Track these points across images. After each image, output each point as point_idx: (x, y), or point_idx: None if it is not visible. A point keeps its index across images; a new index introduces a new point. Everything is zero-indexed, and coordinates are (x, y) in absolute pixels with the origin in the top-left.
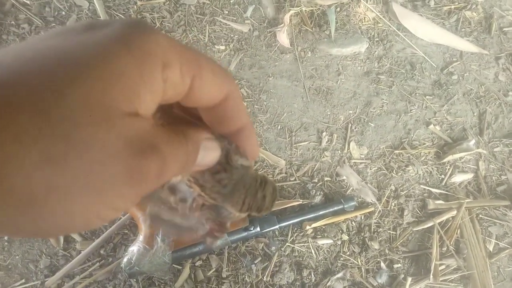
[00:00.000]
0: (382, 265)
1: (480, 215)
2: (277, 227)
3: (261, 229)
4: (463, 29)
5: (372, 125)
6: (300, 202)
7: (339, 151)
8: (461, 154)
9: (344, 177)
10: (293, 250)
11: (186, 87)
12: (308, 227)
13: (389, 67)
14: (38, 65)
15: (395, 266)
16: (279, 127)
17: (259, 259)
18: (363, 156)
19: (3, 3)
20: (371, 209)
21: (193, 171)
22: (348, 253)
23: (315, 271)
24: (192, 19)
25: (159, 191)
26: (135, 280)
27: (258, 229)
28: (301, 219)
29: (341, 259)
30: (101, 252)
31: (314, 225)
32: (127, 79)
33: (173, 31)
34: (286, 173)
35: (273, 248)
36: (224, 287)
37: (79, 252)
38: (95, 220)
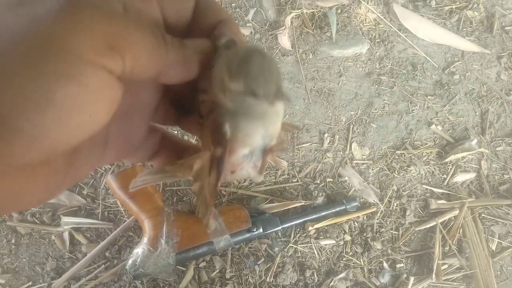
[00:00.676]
0: (385, 265)
1: (483, 214)
2: (279, 228)
3: (264, 230)
4: (465, 29)
5: (374, 126)
6: (303, 203)
7: (341, 152)
8: (463, 154)
9: (346, 178)
10: (296, 251)
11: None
12: (310, 228)
13: (390, 68)
14: None
15: (398, 266)
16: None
17: (262, 260)
18: (365, 157)
19: None
20: (373, 209)
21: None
22: (351, 253)
23: (318, 271)
24: None
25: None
26: (140, 281)
27: (261, 230)
28: (303, 220)
29: (344, 259)
30: (106, 254)
31: (316, 225)
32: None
33: None
34: (288, 174)
35: (276, 249)
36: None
37: (85, 254)
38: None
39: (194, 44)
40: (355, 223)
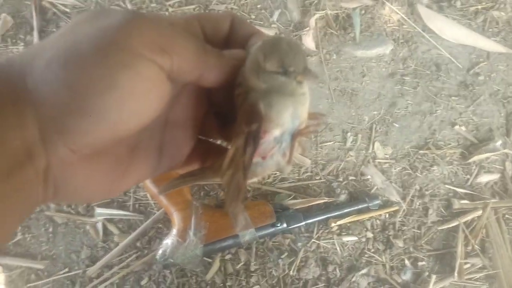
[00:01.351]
0: (407, 262)
1: (507, 215)
2: (303, 223)
3: (287, 226)
4: (490, 29)
5: (397, 125)
6: (326, 200)
7: (364, 151)
8: (487, 155)
9: (369, 176)
10: (318, 246)
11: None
12: (333, 224)
13: (414, 68)
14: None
15: (420, 263)
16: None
17: (286, 254)
18: (387, 156)
19: (45, 11)
20: (396, 208)
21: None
22: (373, 250)
23: (340, 266)
24: None
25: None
26: (169, 271)
27: (285, 225)
28: (326, 216)
29: (366, 256)
30: (137, 244)
31: (339, 222)
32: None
33: None
34: (311, 172)
35: (299, 243)
36: (253, 280)
37: (117, 244)
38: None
39: (230, 52)
40: (377, 221)
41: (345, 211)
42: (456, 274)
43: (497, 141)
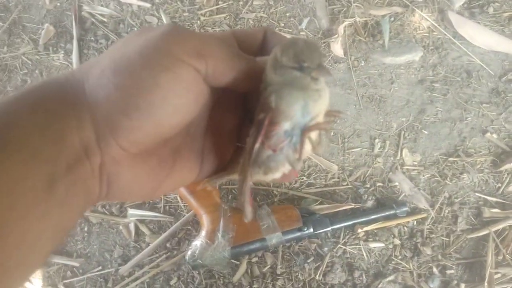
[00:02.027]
0: (435, 270)
1: None
2: (329, 229)
3: (314, 230)
4: None
5: (426, 132)
6: (352, 206)
7: (392, 158)
8: None
9: (397, 183)
10: (344, 252)
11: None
12: (360, 230)
13: (444, 75)
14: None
15: (448, 272)
16: (332, 134)
17: (312, 258)
18: (416, 163)
19: (84, 21)
20: (424, 215)
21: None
22: (400, 257)
23: (367, 273)
24: None
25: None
26: (197, 272)
27: (311, 230)
28: (353, 222)
29: (393, 262)
30: (167, 245)
31: (366, 228)
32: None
33: None
34: (338, 178)
35: (326, 248)
36: (279, 283)
37: (148, 244)
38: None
39: (262, 59)
40: (405, 228)
41: (372, 217)
42: (486, 284)
43: None
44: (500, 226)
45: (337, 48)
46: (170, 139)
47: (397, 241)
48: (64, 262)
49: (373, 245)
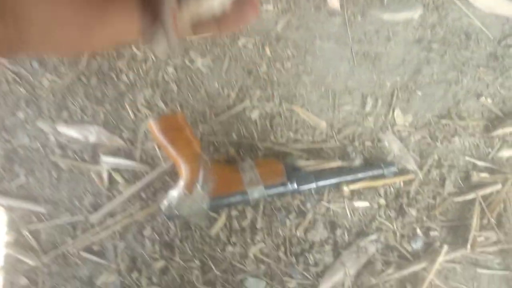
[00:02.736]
0: (418, 231)
1: None
2: (314, 185)
3: (298, 186)
4: None
5: (420, 93)
6: (339, 164)
7: (383, 117)
8: None
9: (386, 143)
10: (328, 210)
11: None
12: (345, 188)
13: (442, 36)
14: None
15: (432, 233)
16: (322, 89)
17: (294, 214)
18: (407, 124)
19: None
20: (411, 176)
21: None
22: (384, 217)
23: (349, 231)
24: None
25: None
26: (173, 223)
27: (295, 186)
28: (339, 180)
29: (376, 222)
30: (142, 195)
31: (351, 187)
32: None
33: None
34: (326, 135)
35: (309, 205)
36: (258, 237)
37: (121, 193)
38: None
39: None
40: (391, 188)
41: (359, 176)
42: (469, 246)
43: None
44: (487, 191)
45: (333, 0)
46: None
47: (382, 201)
48: (29, 208)
49: (357, 204)
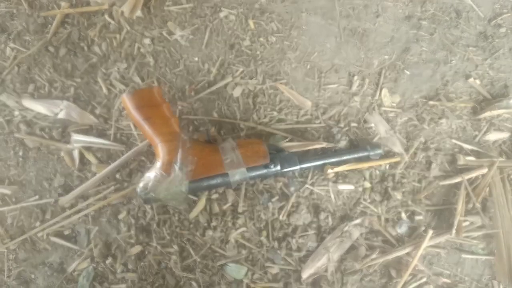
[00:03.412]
0: (403, 215)
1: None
2: (298, 167)
3: (281, 168)
4: None
5: (408, 73)
6: (324, 146)
7: (370, 97)
8: (499, 111)
9: (372, 124)
10: (312, 193)
11: None
12: (330, 171)
13: (432, 13)
14: None
15: (417, 218)
16: (308, 67)
17: (276, 198)
18: (394, 105)
19: None
20: (397, 159)
21: None
22: (369, 200)
23: (333, 215)
24: None
25: None
26: (149, 206)
27: (279, 167)
28: (323, 162)
29: (361, 206)
30: (117, 176)
31: (336, 169)
32: None
33: None
34: (311, 115)
35: (292, 188)
36: (239, 222)
37: (94, 174)
38: None
39: None
40: (377, 171)
41: (344, 158)
42: (454, 231)
43: (511, 98)
44: (473, 175)
45: None
46: None
47: (367, 184)
48: None
49: (342, 187)
